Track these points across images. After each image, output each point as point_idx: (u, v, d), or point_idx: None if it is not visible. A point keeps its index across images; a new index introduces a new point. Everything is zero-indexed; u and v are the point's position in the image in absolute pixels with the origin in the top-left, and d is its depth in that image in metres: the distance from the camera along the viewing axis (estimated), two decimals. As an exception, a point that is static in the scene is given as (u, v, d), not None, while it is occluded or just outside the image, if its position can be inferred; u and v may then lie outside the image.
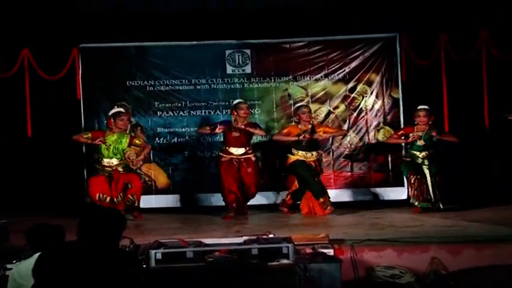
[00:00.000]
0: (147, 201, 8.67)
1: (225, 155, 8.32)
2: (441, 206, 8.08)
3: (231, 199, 8.23)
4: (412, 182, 8.26)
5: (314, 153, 8.41)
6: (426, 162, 8.24)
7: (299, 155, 8.35)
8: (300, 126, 8.40)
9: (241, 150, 8.31)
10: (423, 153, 8.28)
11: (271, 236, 5.91)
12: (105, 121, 8.43)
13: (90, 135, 8.04)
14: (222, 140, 8.66)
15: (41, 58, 8.94)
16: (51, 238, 4.20)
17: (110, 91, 9.34)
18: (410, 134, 8.31)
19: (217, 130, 8.35)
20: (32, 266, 3.37)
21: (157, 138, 9.31)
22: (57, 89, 9.21)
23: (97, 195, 7.79)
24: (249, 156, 8.35)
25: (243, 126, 8.27)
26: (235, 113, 8.32)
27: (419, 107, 8.34)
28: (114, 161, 7.95)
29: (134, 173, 8.24)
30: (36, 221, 4.77)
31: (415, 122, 8.35)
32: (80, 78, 9.17)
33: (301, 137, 8.26)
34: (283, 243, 5.37)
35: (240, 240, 5.70)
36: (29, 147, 9.18)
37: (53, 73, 8.98)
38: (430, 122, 8.29)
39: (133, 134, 8.33)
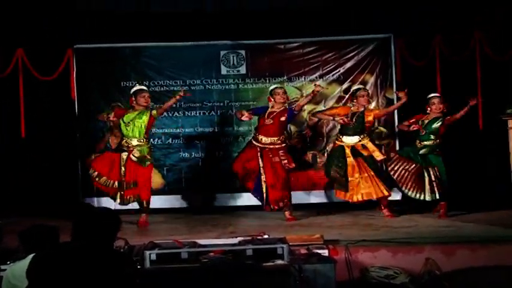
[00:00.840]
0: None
1: (254, 142, 8.05)
2: (437, 196, 7.78)
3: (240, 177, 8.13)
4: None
5: (356, 137, 8.07)
6: (422, 152, 7.93)
7: (341, 140, 8.14)
8: (352, 108, 8.17)
9: (269, 140, 7.94)
10: (423, 143, 7.99)
11: (265, 236, 5.92)
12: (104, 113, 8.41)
13: (112, 113, 8.03)
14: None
15: (35, 58, 8.89)
16: (46, 239, 4.18)
17: (104, 92, 9.30)
18: (420, 122, 8.06)
19: (243, 118, 8.14)
20: (26, 267, 3.36)
21: (151, 139, 9.27)
22: (51, 89, 9.17)
23: (92, 171, 7.87)
24: (277, 146, 7.93)
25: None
26: (272, 99, 8.06)
27: (432, 94, 8.14)
28: (134, 142, 7.81)
29: (147, 167, 7.87)
30: (30, 222, 4.77)
31: (427, 112, 8.09)
32: (74, 79, 9.13)
33: (337, 119, 8.09)
34: (278, 244, 5.38)
35: (235, 240, 5.72)
36: (22, 148, 9.15)
37: (47, 73, 8.94)
38: (445, 110, 8.05)
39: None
